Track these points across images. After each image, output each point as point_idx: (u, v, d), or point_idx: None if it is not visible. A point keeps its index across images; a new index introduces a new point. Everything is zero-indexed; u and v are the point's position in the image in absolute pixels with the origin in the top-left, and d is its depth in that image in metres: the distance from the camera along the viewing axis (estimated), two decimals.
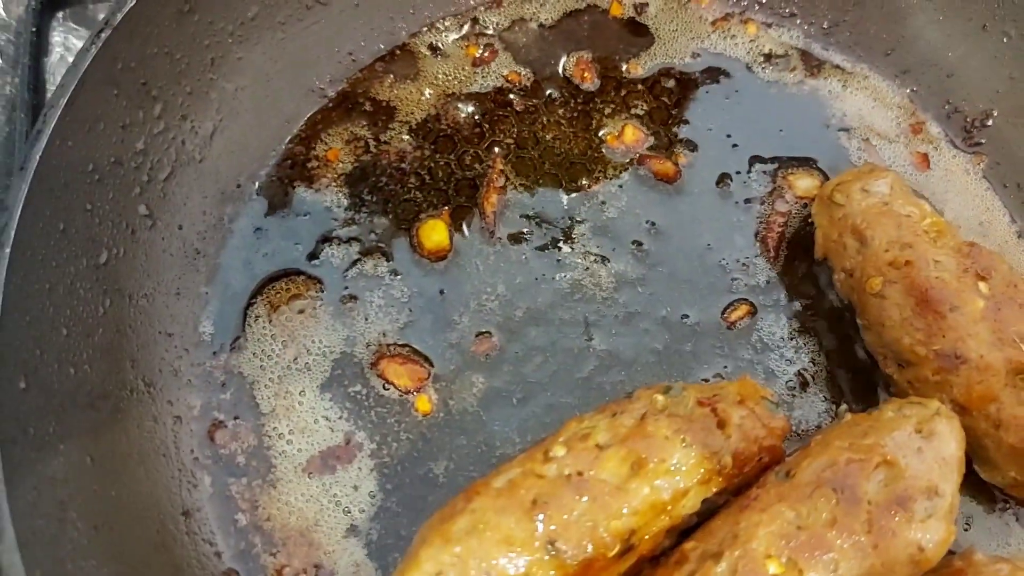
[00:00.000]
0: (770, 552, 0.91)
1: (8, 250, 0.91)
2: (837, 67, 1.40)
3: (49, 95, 1.12)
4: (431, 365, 1.16)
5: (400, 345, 1.16)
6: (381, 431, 1.12)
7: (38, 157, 0.95)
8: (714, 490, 0.97)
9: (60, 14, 1.39)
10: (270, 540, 1.06)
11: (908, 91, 1.39)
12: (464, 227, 1.24)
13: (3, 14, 1.36)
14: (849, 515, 0.93)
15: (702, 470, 0.95)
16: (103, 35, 1.02)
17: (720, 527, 0.96)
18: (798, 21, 1.42)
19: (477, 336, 1.17)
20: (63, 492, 0.94)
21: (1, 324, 0.90)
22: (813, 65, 1.40)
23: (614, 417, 0.98)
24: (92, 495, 0.97)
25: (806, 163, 1.32)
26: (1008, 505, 1.13)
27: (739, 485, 1.00)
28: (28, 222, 0.94)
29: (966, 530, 1.12)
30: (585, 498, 0.91)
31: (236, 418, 1.11)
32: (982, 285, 1.09)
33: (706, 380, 1.17)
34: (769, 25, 1.42)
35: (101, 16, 1.21)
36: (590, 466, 0.93)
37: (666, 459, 0.94)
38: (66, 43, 1.38)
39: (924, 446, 0.98)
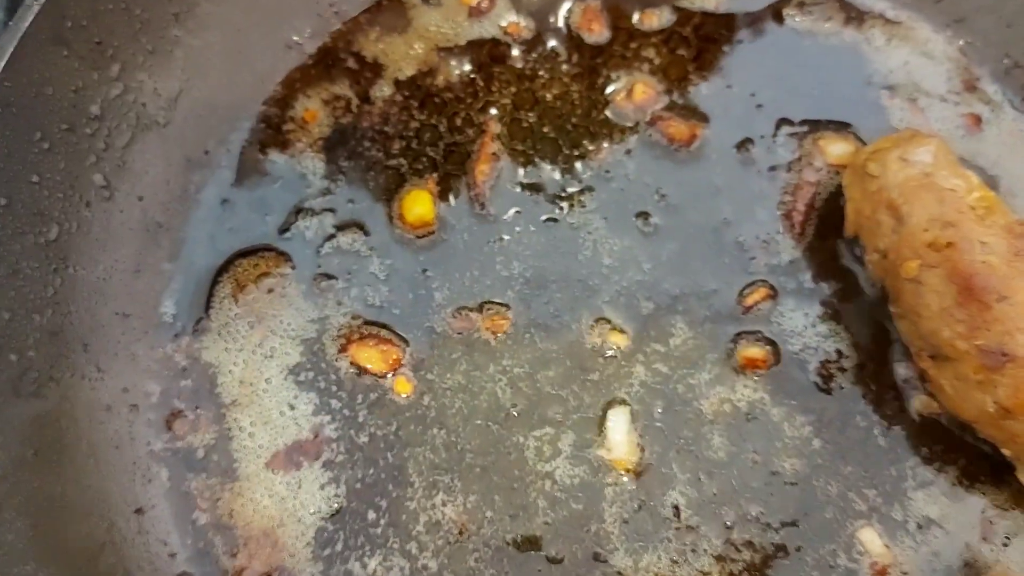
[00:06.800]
0: None
1: None
2: (880, 16, 1.23)
3: None
4: (407, 345, 1.06)
5: (371, 324, 1.06)
6: (352, 423, 1.02)
7: None
8: None
9: None
10: (230, 540, 0.98)
11: (961, 43, 1.21)
12: (451, 198, 1.12)
13: None
14: None
15: None
16: None
17: None
18: None
19: (456, 312, 1.07)
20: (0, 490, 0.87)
21: None
22: (852, 15, 1.24)
23: None
24: (33, 491, 0.90)
25: (841, 126, 1.17)
26: None
27: None
28: None
29: (1005, 546, 1.00)
30: None
31: (197, 407, 1.03)
32: None
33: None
34: None
35: None
36: None
37: None
38: None
39: None
